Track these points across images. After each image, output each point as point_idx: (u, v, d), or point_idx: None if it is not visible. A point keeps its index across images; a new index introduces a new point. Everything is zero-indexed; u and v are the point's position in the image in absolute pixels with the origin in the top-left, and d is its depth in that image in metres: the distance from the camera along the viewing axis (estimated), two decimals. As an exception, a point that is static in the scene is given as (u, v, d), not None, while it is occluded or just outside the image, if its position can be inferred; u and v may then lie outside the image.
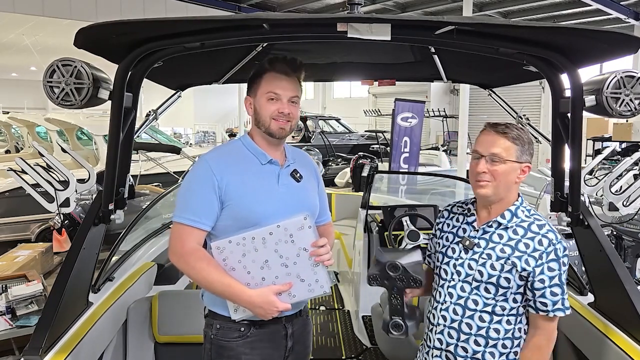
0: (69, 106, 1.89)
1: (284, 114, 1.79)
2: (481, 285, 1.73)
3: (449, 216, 1.92)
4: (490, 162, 1.70)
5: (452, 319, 1.76)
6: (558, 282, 1.68)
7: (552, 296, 1.67)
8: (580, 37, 1.71)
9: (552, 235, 1.70)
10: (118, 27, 1.65)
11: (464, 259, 1.77)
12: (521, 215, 1.75)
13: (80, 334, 2.06)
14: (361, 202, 4.84)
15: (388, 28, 1.65)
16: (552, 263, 1.68)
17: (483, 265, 1.72)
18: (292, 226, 1.72)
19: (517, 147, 1.70)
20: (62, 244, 5.37)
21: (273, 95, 1.79)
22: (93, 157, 8.90)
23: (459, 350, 1.76)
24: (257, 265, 1.73)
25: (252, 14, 1.62)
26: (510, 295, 1.72)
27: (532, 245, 1.69)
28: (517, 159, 1.71)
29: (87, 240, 2.12)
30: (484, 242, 1.75)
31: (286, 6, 15.91)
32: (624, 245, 4.43)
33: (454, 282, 1.78)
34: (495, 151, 1.69)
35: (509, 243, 1.72)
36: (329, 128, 17.49)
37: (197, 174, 1.80)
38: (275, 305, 1.71)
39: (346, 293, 4.89)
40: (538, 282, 1.68)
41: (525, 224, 1.73)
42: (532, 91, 16.81)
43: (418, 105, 9.15)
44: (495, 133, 1.72)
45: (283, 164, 1.87)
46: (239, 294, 1.71)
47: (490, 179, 1.71)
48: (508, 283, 1.70)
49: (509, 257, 1.70)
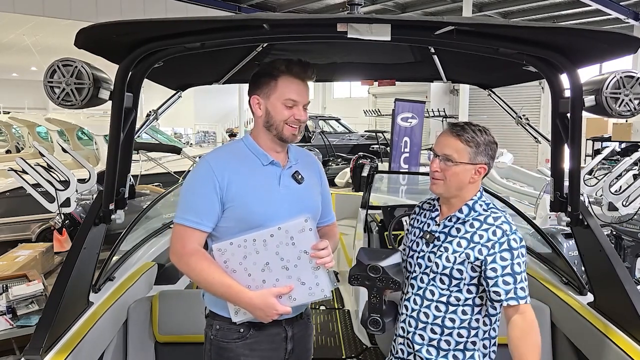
0: (69, 106, 1.89)
1: (300, 120, 1.80)
2: (437, 277, 1.79)
3: (419, 212, 2.00)
4: (443, 161, 1.78)
5: (412, 309, 1.85)
6: (510, 271, 1.70)
7: (505, 285, 1.69)
8: (580, 37, 1.71)
9: (507, 227, 1.74)
10: (119, 27, 1.65)
11: (425, 252, 1.85)
12: (479, 209, 1.81)
13: (81, 333, 2.06)
14: (361, 202, 4.84)
15: (388, 28, 1.66)
16: (505, 253, 1.71)
17: (439, 257, 1.79)
18: (293, 228, 1.72)
19: (471, 149, 1.76)
20: (62, 244, 5.37)
21: (292, 102, 1.77)
22: (94, 157, 8.90)
23: (416, 337, 1.83)
24: (258, 268, 1.73)
25: (252, 14, 1.63)
26: (463, 287, 1.77)
27: (486, 235, 1.74)
28: (470, 160, 1.77)
29: (87, 240, 2.12)
30: (443, 235, 1.82)
31: (286, 6, 15.91)
32: (624, 245, 4.43)
33: (415, 273, 1.86)
34: (447, 152, 1.77)
35: (465, 236, 1.77)
36: (329, 128, 17.48)
37: (199, 175, 1.79)
38: (274, 308, 1.70)
39: (346, 293, 4.90)
40: (490, 270, 1.71)
41: (482, 217, 1.78)
42: (532, 91, 16.80)
43: (418, 105, 9.11)
44: (450, 134, 1.79)
45: (285, 165, 1.87)
46: (239, 296, 1.71)
47: (441, 177, 1.79)
48: (460, 274, 1.75)
49: (464, 250, 1.75)
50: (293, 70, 1.78)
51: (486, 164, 1.80)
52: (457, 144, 1.77)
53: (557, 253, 2.76)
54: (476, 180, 1.81)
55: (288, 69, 1.78)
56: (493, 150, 1.81)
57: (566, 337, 2.41)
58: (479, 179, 1.81)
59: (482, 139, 1.78)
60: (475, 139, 1.77)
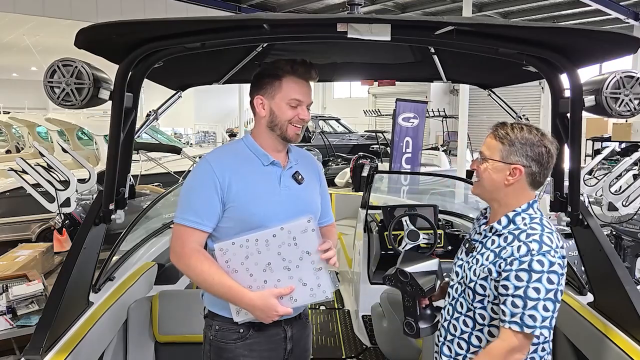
0: (69, 106, 1.89)
1: (304, 120, 1.81)
2: (466, 289, 1.70)
3: (478, 217, 1.89)
4: (480, 159, 1.70)
5: (445, 318, 1.79)
6: (522, 294, 1.51)
7: (512, 307, 1.52)
8: (580, 37, 1.71)
9: (535, 246, 1.54)
10: (119, 27, 1.65)
11: (463, 260, 1.77)
12: (519, 222, 1.63)
13: (81, 333, 2.06)
14: (361, 202, 4.84)
15: (388, 28, 1.66)
16: (522, 273, 1.52)
17: (470, 269, 1.69)
18: (295, 229, 1.72)
19: (503, 146, 1.62)
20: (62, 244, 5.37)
21: (296, 102, 1.78)
22: (94, 157, 8.90)
23: (444, 349, 1.77)
24: (260, 268, 1.73)
25: (252, 15, 1.63)
26: (487, 304, 1.63)
27: (510, 250, 1.57)
28: (502, 158, 1.62)
29: (87, 240, 2.12)
30: (480, 245, 1.72)
31: (286, 6, 15.91)
32: (624, 245, 4.43)
33: (452, 282, 1.80)
34: (482, 149, 1.70)
35: (495, 250, 1.63)
36: (329, 128, 17.49)
37: (199, 175, 1.79)
38: (275, 309, 1.70)
39: (346, 293, 4.89)
40: (502, 287, 1.55)
41: (517, 232, 1.61)
42: (532, 91, 16.82)
43: (420, 105, 9.06)
44: (490, 132, 1.70)
45: (285, 165, 1.86)
46: (240, 297, 1.71)
47: (477, 176, 1.71)
48: (484, 290, 1.62)
49: (488, 264, 1.62)
50: (298, 71, 1.78)
51: (523, 166, 1.61)
52: (490, 141, 1.67)
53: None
54: (512, 183, 1.62)
55: (293, 69, 1.78)
56: (535, 153, 1.60)
57: (566, 337, 2.41)
58: (517, 182, 1.63)
59: (519, 136, 1.61)
60: (509, 135, 1.61)
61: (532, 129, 1.64)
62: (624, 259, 4.34)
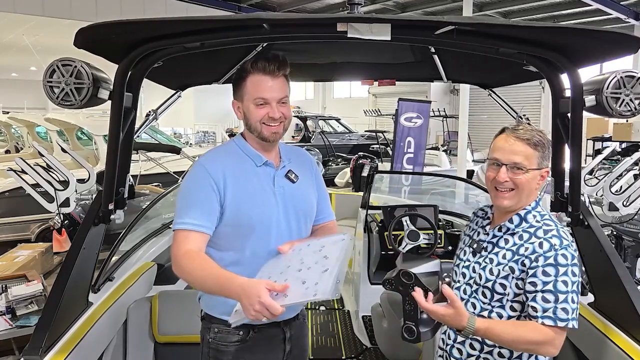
0: (68, 106, 1.89)
1: (274, 118, 1.74)
2: (479, 289, 1.70)
3: (473, 219, 1.91)
4: (511, 170, 1.63)
5: None
6: (552, 288, 1.55)
7: (544, 302, 1.55)
8: (580, 37, 1.71)
9: (557, 241, 1.59)
10: (118, 27, 1.65)
11: (471, 261, 1.76)
12: (531, 220, 1.67)
13: (80, 334, 2.05)
14: (361, 202, 4.84)
15: (388, 28, 1.65)
16: (549, 268, 1.56)
17: (483, 269, 1.70)
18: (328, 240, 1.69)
19: (539, 153, 1.63)
20: (62, 244, 5.37)
21: (261, 100, 1.73)
22: (93, 157, 8.90)
23: (454, 351, 1.76)
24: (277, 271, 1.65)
25: (252, 14, 1.62)
26: (507, 303, 1.65)
27: (532, 248, 1.61)
28: (539, 165, 1.64)
29: (87, 240, 2.11)
30: (491, 246, 1.72)
31: (286, 6, 15.91)
32: (624, 245, 4.43)
33: (459, 284, 1.79)
34: (517, 160, 1.61)
35: (512, 248, 1.66)
36: (329, 128, 17.49)
37: (195, 179, 1.76)
38: (259, 294, 1.45)
39: (346, 293, 4.89)
40: (529, 284, 1.59)
41: (532, 229, 1.65)
42: (532, 91, 16.80)
43: (423, 105, 8.94)
44: (516, 139, 1.63)
45: (278, 165, 1.85)
46: (230, 282, 1.53)
47: (513, 187, 1.64)
48: (504, 289, 1.64)
49: (508, 263, 1.64)
50: (259, 67, 1.72)
51: (549, 167, 1.69)
52: (527, 150, 1.61)
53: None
54: (539, 186, 1.68)
55: (254, 66, 1.73)
56: (550, 153, 1.69)
57: (566, 337, 2.40)
58: (541, 185, 1.69)
59: (547, 141, 1.65)
60: (542, 142, 1.63)
61: (542, 131, 1.68)
62: (624, 259, 4.33)
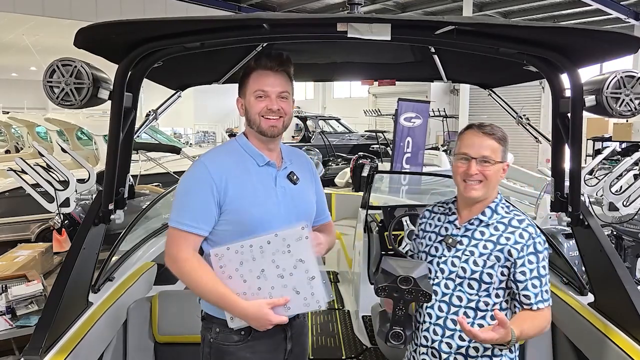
0: (68, 106, 1.89)
1: (272, 110, 1.76)
2: (464, 282, 1.76)
3: (431, 216, 1.96)
4: (480, 163, 1.75)
5: (438, 316, 1.80)
6: (537, 274, 1.73)
7: (533, 288, 1.72)
8: (580, 37, 1.71)
9: (532, 229, 1.76)
10: (118, 27, 1.65)
11: (447, 256, 1.81)
12: (501, 211, 1.81)
13: (80, 334, 2.05)
14: (361, 202, 4.84)
15: (388, 28, 1.65)
16: (531, 256, 1.73)
17: (466, 262, 1.76)
18: (290, 237, 1.69)
19: (503, 147, 1.78)
20: (62, 244, 5.37)
21: (261, 92, 1.77)
22: (93, 157, 8.90)
23: (443, 346, 1.79)
24: (254, 275, 1.70)
25: (252, 14, 1.62)
26: (492, 291, 1.76)
27: (514, 238, 1.74)
28: (502, 159, 1.78)
29: (87, 240, 2.12)
30: (467, 239, 1.79)
31: (286, 6, 15.93)
32: (624, 245, 4.42)
33: (437, 279, 1.81)
34: (486, 153, 1.75)
35: (491, 239, 1.76)
36: (329, 128, 17.48)
37: (195, 178, 1.76)
38: (268, 319, 1.68)
39: (346, 293, 4.89)
40: (519, 274, 1.72)
41: (505, 220, 1.79)
42: (532, 91, 16.80)
43: (422, 105, 8.96)
44: (483, 134, 1.77)
45: (280, 165, 1.85)
46: (233, 305, 1.69)
47: (482, 179, 1.76)
48: (490, 278, 1.74)
49: (492, 253, 1.74)
50: (261, 63, 1.79)
51: (509, 162, 1.83)
52: (493, 144, 1.76)
53: (558, 253, 2.76)
54: (501, 179, 1.82)
55: (256, 62, 1.80)
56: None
57: (566, 337, 2.40)
58: (504, 177, 1.83)
59: (507, 137, 1.80)
60: (505, 137, 1.79)
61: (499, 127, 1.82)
62: (624, 259, 4.33)
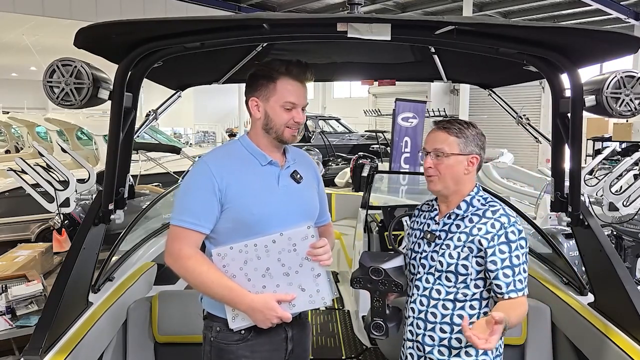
0: (68, 106, 1.89)
1: (299, 123, 1.78)
2: (442, 275, 1.81)
3: (419, 214, 2.01)
4: (435, 157, 1.81)
5: (419, 310, 1.84)
6: (509, 264, 1.73)
7: (505, 277, 1.72)
8: (581, 37, 1.71)
9: (505, 219, 1.77)
10: (118, 27, 1.65)
11: (427, 251, 1.86)
12: (477, 204, 1.83)
13: (80, 334, 2.05)
14: (361, 202, 4.84)
15: (388, 28, 1.65)
16: (503, 246, 1.74)
17: (442, 255, 1.80)
18: (295, 235, 1.71)
19: (460, 139, 1.80)
20: (62, 244, 5.37)
21: (290, 105, 1.75)
22: (93, 157, 8.90)
23: (426, 339, 1.83)
24: (259, 273, 1.72)
25: (252, 14, 1.62)
26: (470, 282, 1.79)
27: (485, 228, 1.77)
28: (461, 151, 1.80)
29: (87, 240, 2.12)
30: (444, 233, 1.84)
31: (286, 6, 15.92)
32: (624, 245, 4.42)
33: (419, 274, 1.87)
34: (437, 146, 1.80)
35: (465, 231, 1.79)
36: (329, 128, 17.47)
37: (197, 176, 1.77)
38: (275, 311, 1.69)
39: (346, 293, 4.89)
40: (490, 263, 1.74)
41: (480, 212, 1.81)
42: (532, 91, 16.79)
43: (419, 105, 9.04)
44: (437, 130, 1.83)
45: (283, 164, 1.85)
46: (241, 298, 1.70)
47: (436, 173, 1.82)
48: (466, 270, 1.77)
49: (465, 245, 1.77)
50: (292, 72, 1.75)
51: (478, 154, 1.83)
52: (446, 137, 1.80)
53: (558, 253, 2.76)
54: (470, 171, 1.83)
55: (287, 70, 1.74)
56: (482, 142, 1.85)
57: (566, 337, 2.40)
58: (473, 170, 1.83)
59: (469, 131, 1.82)
60: (463, 130, 1.81)
61: (472, 123, 1.86)
62: (624, 259, 4.33)
